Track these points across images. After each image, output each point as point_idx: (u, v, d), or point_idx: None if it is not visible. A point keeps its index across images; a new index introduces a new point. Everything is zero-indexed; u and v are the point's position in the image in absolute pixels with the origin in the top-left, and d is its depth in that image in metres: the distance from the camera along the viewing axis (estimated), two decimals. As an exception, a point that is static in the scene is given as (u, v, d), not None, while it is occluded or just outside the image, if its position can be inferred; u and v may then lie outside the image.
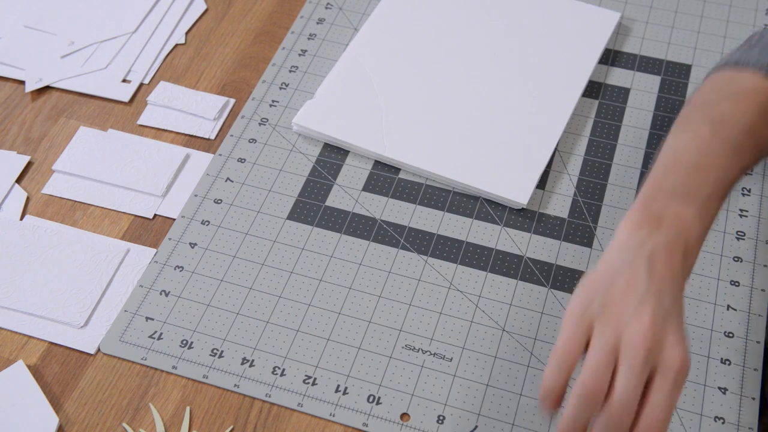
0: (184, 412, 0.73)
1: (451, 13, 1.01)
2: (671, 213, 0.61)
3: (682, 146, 0.67)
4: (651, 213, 0.62)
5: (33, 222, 0.85)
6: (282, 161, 0.90)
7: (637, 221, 0.62)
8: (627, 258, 0.59)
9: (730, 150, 0.66)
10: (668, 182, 0.64)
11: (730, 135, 0.67)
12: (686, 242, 0.60)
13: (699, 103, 0.71)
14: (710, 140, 0.66)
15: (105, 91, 0.96)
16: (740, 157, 0.67)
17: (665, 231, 0.60)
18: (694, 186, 0.64)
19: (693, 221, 0.61)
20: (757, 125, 0.68)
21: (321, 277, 0.81)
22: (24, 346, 0.77)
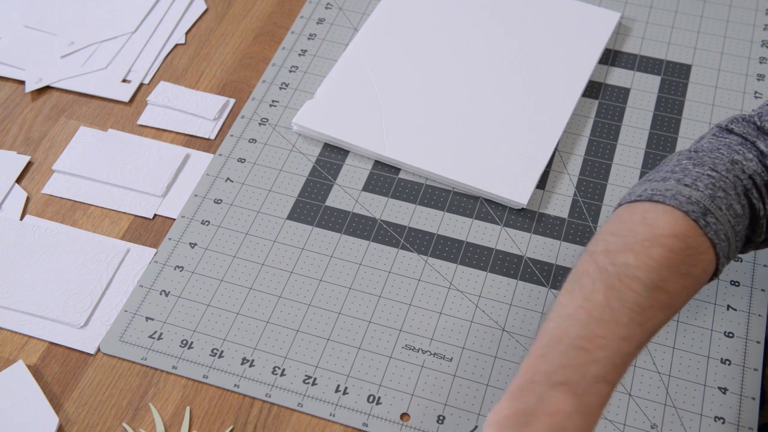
0: (184, 412, 0.73)
1: (451, 13, 1.01)
2: (543, 408, 0.53)
3: (570, 314, 0.58)
4: (519, 410, 0.53)
5: (33, 222, 0.85)
6: (282, 161, 0.90)
7: (504, 419, 0.54)
8: None
9: (629, 315, 0.57)
10: (546, 365, 0.55)
11: (630, 296, 0.57)
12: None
13: (600, 249, 0.61)
14: (604, 306, 0.57)
15: (105, 91, 0.96)
16: (643, 320, 0.58)
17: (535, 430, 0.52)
18: (577, 369, 0.55)
19: (571, 416, 0.53)
20: (666, 280, 0.59)
21: (321, 277, 0.81)
22: (24, 346, 0.77)
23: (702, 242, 0.61)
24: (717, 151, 0.66)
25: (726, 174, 0.64)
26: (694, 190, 0.62)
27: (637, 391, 0.73)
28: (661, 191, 0.63)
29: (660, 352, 0.76)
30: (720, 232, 0.62)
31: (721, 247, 0.62)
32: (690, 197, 0.62)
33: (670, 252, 0.59)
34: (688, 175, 0.64)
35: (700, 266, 0.61)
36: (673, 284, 0.59)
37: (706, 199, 0.62)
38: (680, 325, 0.77)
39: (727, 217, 0.62)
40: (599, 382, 0.55)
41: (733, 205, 0.63)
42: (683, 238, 0.60)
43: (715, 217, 0.62)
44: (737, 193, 0.64)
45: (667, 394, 0.73)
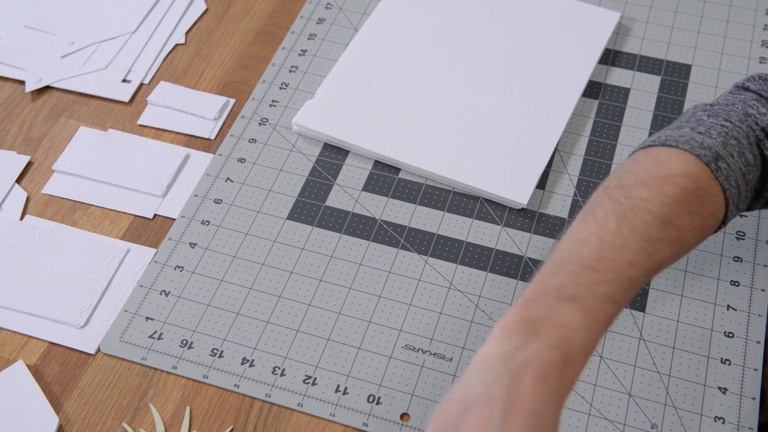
0: (184, 412, 0.73)
1: (451, 13, 1.01)
2: (552, 319, 0.54)
3: (582, 238, 0.59)
4: (528, 317, 0.54)
5: (33, 222, 0.85)
6: (282, 161, 0.90)
7: (511, 326, 0.54)
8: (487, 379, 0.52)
9: (638, 243, 0.59)
10: (557, 281, 0.57)
11: (641, 226, 0.59)
12: (566, 355, 0.53)
13: (614, 185, 0.62)
14: (616, 233, 0.59)
15: (105, 91, 0.96)
16: (652, 251, 0.59)
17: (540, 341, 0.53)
18: (586, 287, 0.56)
19: (577, 330, 0.54)
20: (677, 215, 0.60)
21: (321, 277, 0.81)
22: (24, 346, 0.77)
23: (712, 185, 0.63)
24: (732, 105, 0.68)
25: (739, 124, 0.66)
26: (707, 137, 0.64)
27: (637, 391, 0.73)
28: (675, 137, 0.65)
29: (660, 352, 0.76)
30: (731, 178, 0.63)
31: (731, 193, 0.63)
32: (702, 143, 0.64)
33: (682, 190, 0.61)
34: (702, 124, 0.66)
35: (709, 209, 0.63)
36: (683, 220, 0.61)
37: (718, 146, 0.64)
38: (680, 325, 0.77)
39: (738, 164, 0.64)
40: (607, 301, 0.56)
41: (745, 154, 0.65)
42: (694, 179, 0.62)
43: (727, 163, 0.63)
44: (749, 143, 0.65)
45: (667, 394, 0.73)
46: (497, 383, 0.51)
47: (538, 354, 0.52)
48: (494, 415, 0.50)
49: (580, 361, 0.54)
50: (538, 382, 0.51)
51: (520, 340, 0.53)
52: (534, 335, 0.53)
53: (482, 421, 0.50)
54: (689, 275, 0.80)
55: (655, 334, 0.77)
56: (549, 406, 0.51)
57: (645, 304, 0.79)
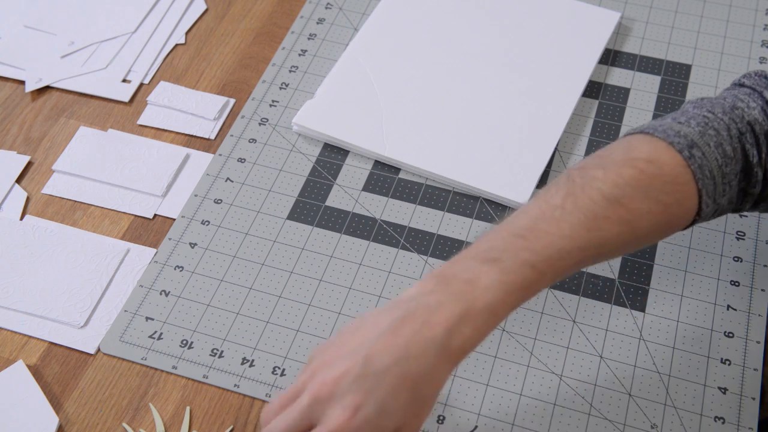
0: (184, 412, 0.73)
1: (450, 13, 1.01)
2: (466, 276, 0.55)
3: (524, 210, 0.60)
4: (447, 272, 0.56)
5: (33, 222, 0.85)
6: (282, 161, 0.90)
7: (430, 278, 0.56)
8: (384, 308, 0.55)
9: (578, 218, 0.58)
10: (485, 244, 0.58)
11: (586, 203, 0.59)
12: (466, 310, 0.54)
13: (577, 167, 0.63)
14: (558, 206, 0.59)
15: (105, 91, 0.96)
16: (593, 227, 0.58)
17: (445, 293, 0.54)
18: (510, 252, 0.56)
19: (487, 289, 0.55)
20: (628, 197, 0.59)
21: (321, 277, 0.81)
22: (24, 346, 0.77)
23: (682, 173, 0.61)
24: (722, 98, 0.68)
25: (722, 116, 0.65)
26: (685, 126, 0.64)
27: (637, 391, 0.73)
28: (654, 126, 0.64)
29: (660, 352, 0.76)
30: (705, 168, 0.62)
31: (704, 183, 0.62)
32: (679, 131, 0.63)
33: (640, 173, 0.60)
34: (685, 114, 0.66)
35: (674, 196, 0.61)
36: (637, 203, 0.59)
37: (695, 135, 0.63)
38: (680, 325, 0.77)
39: (714, 154, 0.62)
40: (526, 266, 0.56)
41: (723, 145, 0.63)
42: (659, 165, 0.61)
43: (702, 152, 0.62)
44: (730, 135, 0.64)
45: (667, 394, 0.73)
46: (390, 313, 0.55)
47: (437, 302, 0.54)
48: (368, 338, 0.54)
49: (481, 318, 0.54)
50: (424, 327, 0.53)
51: (431, 288, 0.55)
52: (443, 286, 0.55)
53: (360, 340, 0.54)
54: (689, 275, 0.80)
55: (655, 334, 0.77)
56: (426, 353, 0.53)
57: (645, 304, 0.79)
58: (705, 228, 0.83)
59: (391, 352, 0.53)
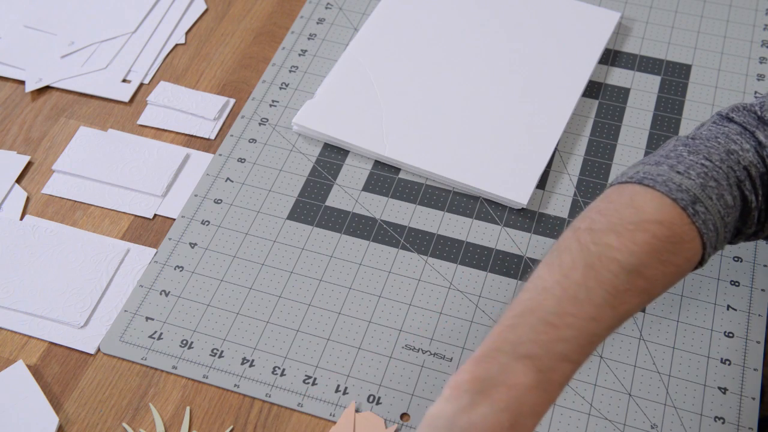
0: (184, 412, 0.73)
1: (450, 13, 1.01)
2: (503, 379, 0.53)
3: (546, 287, 0.58)
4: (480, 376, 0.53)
5: (33, 222, 0.85)
6: (282, 161, 0.90)
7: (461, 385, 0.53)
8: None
9: (603, 297, 0.57)
10: (514, 335, 0.55)
11: (607, 278, 0.57)
12: (515, 418, 0.52)
13: (584, 227, 0.60)
14: (580, 284, 0.57)
15: (105, 91, 0.96)
16: (617, 303, 0.57)
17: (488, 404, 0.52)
18: (543, 344, 0.55)
19: (530, 390, 0.53)
20: (646, 265, 0.58)
21: (321, 277, 0.81)
22: (24, 346, 0.77)
23: (688, 231, 0.60)
24: (714, 139, 0.65)
25: (720, 164, 0.63)
26: (686, 178, 0.62)
27: (637, 391, 0.73)
28: (652, 176, 0.62)
29: (660, 352, 0.76)
30: (708, 222, 0.61)
31: (708, 237, 0.61)
32: (681, 185, 0.61)
33: (654, 238, 0.59)
34: (682, 162, 0.63)
35: (683, 255, 0.61)
36: (653, 270, 0.59)
37: (696, 188, 0.61)
38: (680, 325, 0.77)
39: (717, 207, 0.62)
40: (563, 361, 0.55)
41: (725, 196, 0.62)
42: (669, 225, 0.60)
43: (705, 207, 0.61)
44: (729, 184, 0.63)
45: (667, 394, 0.73)
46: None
47: (482, 419, 0.51)
48: None
49: (530, 423, 0.52)
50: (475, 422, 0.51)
51: (468, 402, 0.52)
52: (483, 397, 0.52)
53: None
54: (689, 275, 0.80)
55: (655, 334, 0.77)
56: None
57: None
58: (705, 228, 0.83)
59: None
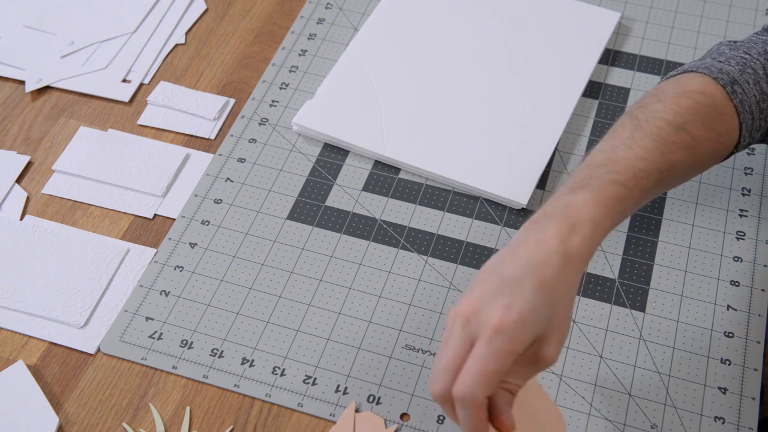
0: (184, 412, 0.73)
1: (450, 13, 1.01)
2: (561, 203, 0.61)
3: (599, 149, 0.65)
4: (544, 210, 0.61)
5: (33, 222, 0.85)
6: (282, 161, 0.90)
7: (529, 222, 0.61)
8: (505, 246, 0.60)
9: (651, 143, 0.64)
10: (571, 181, 0.63)
11: (654, 131, 0.65)
12: (572, 223, 0.59)
13: (636, 106, 0.68)
14: (629, 137, 0.65)
15: (105, 91, 0.96)
16: (664, 150, 0.64)
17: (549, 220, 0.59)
18: (596, 177, 0.62)
19: (584, 205, 0.60)
20: (690, 123, 0.66)
21: (321, 277, 0.81)
22: (24, 346, 0.77)
23: (727, 105, 0.68)
24: (754, 43, 0.74)
25: (757, 57, 0.71)
26: (726, 65, 0.70)
27: (637, 391, 0.73)
28: (696, 65, 0.71)
29: (660, 352, 0.76)
30: (745, 103, 0.69)
31: (744, 117, 0.69)
32: (721, 69, 0.70)
33: (697, 103, 0.66)
34: (723, 55, 0.72)
35: (723, 125, 0.68)
36: (697, 130, 0.66)
37: (735, 72, 0.69)
38: (680, 325, 0.77)
39: (753, 91, 0.69)
40: (614, 183, 0.61)
41: (761, 83, 0.70)
42: (710, 96, 0.67)
43: (742, 89, 0.69)
44: (766, 74, 0.71)
45: (667, 394, 0.73)
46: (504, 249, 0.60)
47: (542, 227, 0.59)
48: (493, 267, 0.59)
49: (587, 228, 0.59)
50: (539, 245, 0.58)
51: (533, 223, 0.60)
52: (545, 218, 0.60)
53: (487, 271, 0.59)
54: (689, 274, 0.80)
55: (655, 334, 0.77)
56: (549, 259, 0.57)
57: (645, 304, 0.79)
58: (705, 228, 0.83)
59: (518, 265, 0.57)
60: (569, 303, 0.58)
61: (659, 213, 0.85)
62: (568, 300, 0.58)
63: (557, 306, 0.57)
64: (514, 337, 0.55)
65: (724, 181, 0.87)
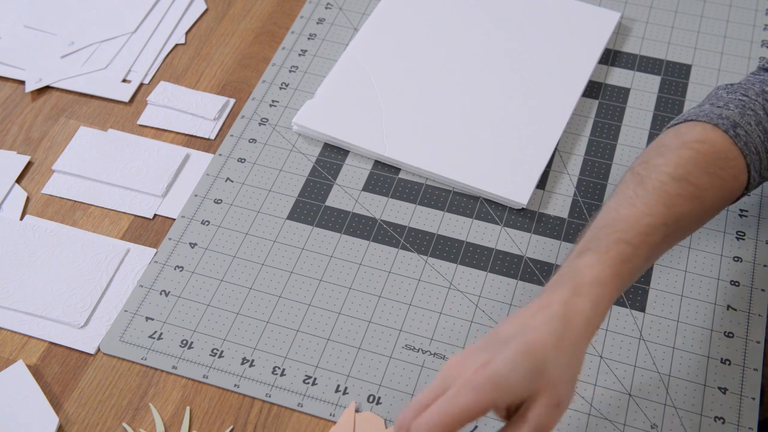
0: (184, 412, 0.73)
1: (450, 13, 1.01)
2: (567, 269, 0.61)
3: (602, 210, 0.66)
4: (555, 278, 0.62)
5: (33, 222, 0.85)
6: (282, 161, 0.90)
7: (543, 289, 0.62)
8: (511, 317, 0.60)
9: (655, 198, 0.64)
10: (577, 246, 0.63)
11: (657, 185, 0.65)
12: (575, 288, 0.59)
13: (638, 162, 0.69)
14: (633, 196, 0.65)
15: (105, 91, 0.96)
16: (669, 204, 0.64)
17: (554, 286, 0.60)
18: (601, 238, 0.62)
19: (590, 265, 0.60)
20: (693, 174, 0.65)
21: (321, 277, 0.81)
22: (24, 346, 0.77)
23: (731, 149, 0.68)
24: (751, 83, 0.74)
25: (755, 98, 0.71)
26: (725, 110, 0.70)
27: (637, 391, 0.73)
28: (695, 113, 0.71)
29: (660, 352, 0.76)
30: (749, 144, 0.68)
31: (751, 158, 0.68)
32: (721, 114, 0.69)
33: (698, 153, 0.66)
34: (721, 99, 0.72)
35: (729, 171, 0.67)
36: (701, 179, 0.65)
37: (735, 116, 0.69)
38: (680, 325, 0.77)
39: (756, 132, 0.69)
40: (619, 242, 0.61)
41: (763, 123, 0.69)
42: (712, 143, 0.67)
43: (745, 131, 0.68)
44: (767, 114, 0.70)
45: (667, 394, 0.73)
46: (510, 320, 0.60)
47: (548, 294, 0.60)
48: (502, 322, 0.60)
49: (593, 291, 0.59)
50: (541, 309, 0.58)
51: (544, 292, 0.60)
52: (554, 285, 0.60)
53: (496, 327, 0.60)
54: (689, 275, 0.80)
55: (655, 334, 0.77)
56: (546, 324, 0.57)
57: (645, 304, 0.79)
58: (705, 228, 0.83)
59: (514, 326, 0.58)
60: (570, 366, 0.58)
61: (659, 213, 0.85)
62: (569, 363, 0.57)
63: (549, 370, 0.56)
64: (482, 393, 0.55)
65: (724, 181, 0.87)
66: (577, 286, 0.59)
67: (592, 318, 0.59)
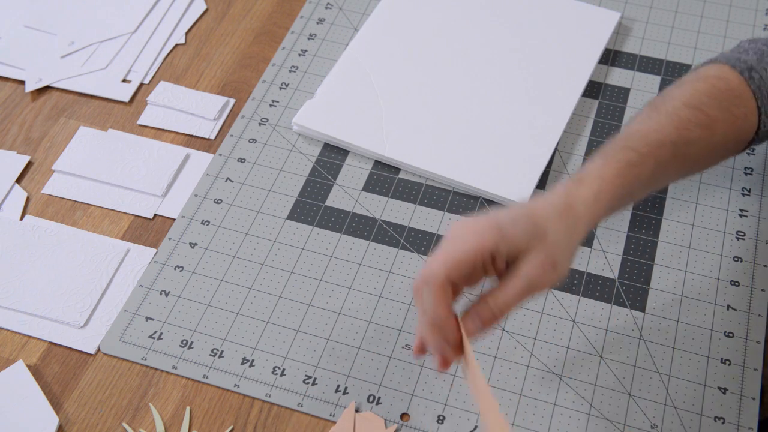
0: (184, 412, 0.73)
1: (451, 12, 1.01)
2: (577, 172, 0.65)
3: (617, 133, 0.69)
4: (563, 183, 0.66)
5: (33, 222, 0.85)
6: (282, 161, 0.90)
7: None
8: None
9: (666, 119, 0.67)
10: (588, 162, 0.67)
11: (669, 109, 0.68)
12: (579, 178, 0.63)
13: (657, 97, 0.72)
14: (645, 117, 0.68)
15: (105, 91, 0.96)
16: (679, 126, 0.67)
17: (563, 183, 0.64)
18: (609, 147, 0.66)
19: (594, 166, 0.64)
20: (705, 104, 0.69)
21: (321, 277, 0.81)
22: (24, 346, 0.77)
23: (744, 90, 0.71)
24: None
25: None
26: (744, 55, 0.73)
27: (637, 391, 0.73)
28: (716, 58, 0.74)
29: (660, 352, 0.76)
30: (762, 88, 0.71)
31: (762, 101, 0.71)
32: (739, 58, 0.73)
33: (713, 87, 0.70)
34: (742, 47, 0.75)
35: (741, 109, 0.70)
36: (713, 110, 0.68)
37: (753, 61, 0.72)
38: (680, 325, 0.77)
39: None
40: (626, 149, 0.65)
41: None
42: (726, 80, 0.70)
43: (759, 75, 0.71)
44: None
45: (667, 394, 0.73)
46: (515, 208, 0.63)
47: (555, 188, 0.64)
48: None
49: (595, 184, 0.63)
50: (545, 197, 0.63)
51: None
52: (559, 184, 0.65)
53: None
54: (689, 275, 0.80)
55: (655, 334, 0.77)
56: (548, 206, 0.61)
57: (645, 304, 0.79)
58: (705, 228, 0.83)
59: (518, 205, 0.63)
60: (568, 237, 0.61)
61: (659, 213, 0.85)
62: (568, 234, 0.61)
63: (548, 234, 0.60)
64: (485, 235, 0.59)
65: (724, 181, 0.87)
66: (581, 178, 0.63)
67: (592, 204, 0.62)
